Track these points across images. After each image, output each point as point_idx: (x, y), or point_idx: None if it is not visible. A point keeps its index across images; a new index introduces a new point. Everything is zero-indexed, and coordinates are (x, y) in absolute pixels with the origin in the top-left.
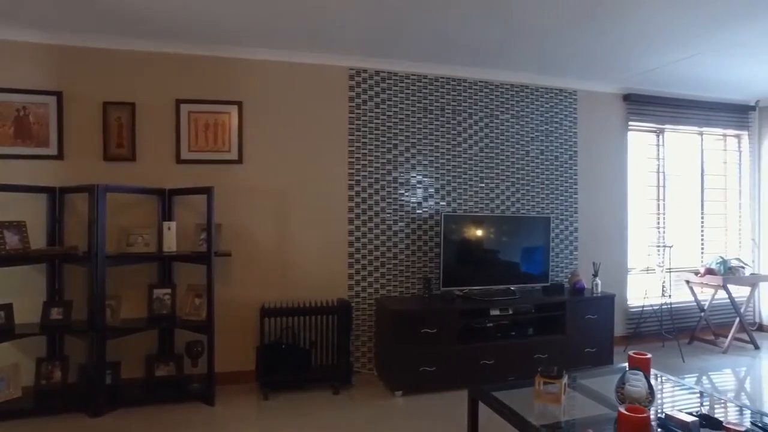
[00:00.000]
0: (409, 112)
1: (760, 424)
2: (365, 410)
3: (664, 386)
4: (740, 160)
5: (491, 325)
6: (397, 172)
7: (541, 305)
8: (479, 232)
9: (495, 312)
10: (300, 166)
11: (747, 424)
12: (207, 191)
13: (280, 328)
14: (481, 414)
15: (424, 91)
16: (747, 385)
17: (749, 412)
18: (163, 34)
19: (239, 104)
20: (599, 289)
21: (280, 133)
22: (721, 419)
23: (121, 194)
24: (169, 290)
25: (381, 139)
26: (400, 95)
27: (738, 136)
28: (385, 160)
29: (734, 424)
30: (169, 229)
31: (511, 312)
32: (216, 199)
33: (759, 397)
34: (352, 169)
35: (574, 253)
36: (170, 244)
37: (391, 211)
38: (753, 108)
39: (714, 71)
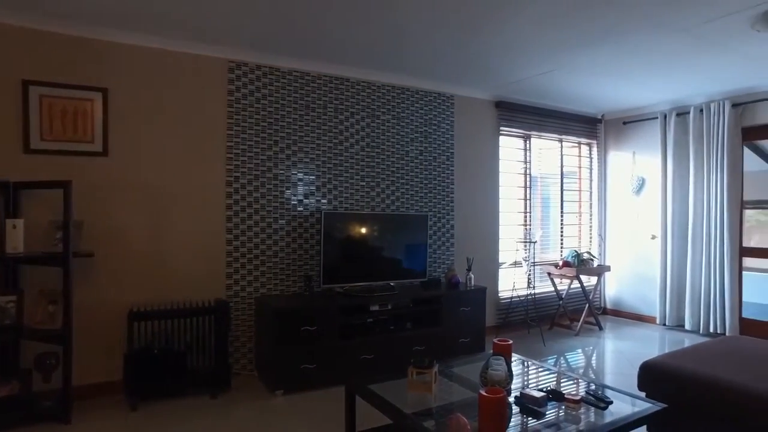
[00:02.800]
0: (290, 109)
1: (592, 393)
2: (244, 412)
3: (529, 369)
4: (591, 166)
5: (371, 320)
6: (278, 169)
7: (419, 300)
8: (360, 230)
9: (375, 307)
10: (174, 160)
11: (583, 393)
12: (64, 185)
13: (152, 332)
14: (361, 408)
15: (306, 88)
16: (593, 362)
17: (590, 384)
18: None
19: (104, 91)
20: (472, 283)
21: (153, 125)
22: (564, 392)
23: None
24: (13, 297)
25: (261, 135)
26: (282, 91)
27: (589, 145)
28: (265, 157)
29: (573, 395)
30: (14, 227)
31: (390, 307)
32: (76, 194)
33: (602, 370)
34: (231, 165)
35: (451, 249)
36: (15, 244)
37: (271, 208)
38: (600, 121)
39: (569, 86)
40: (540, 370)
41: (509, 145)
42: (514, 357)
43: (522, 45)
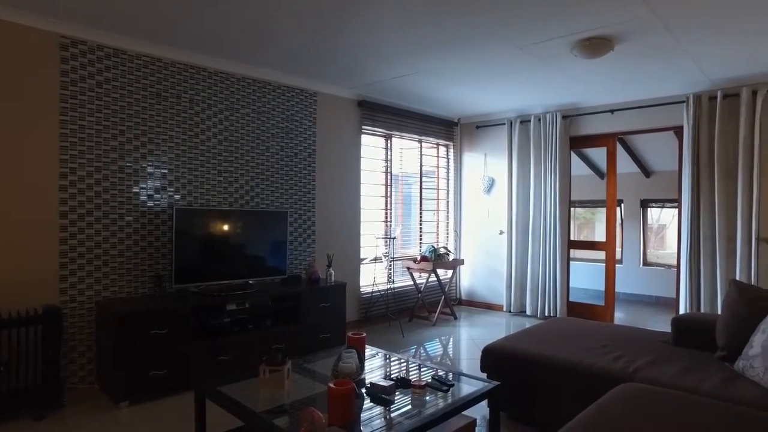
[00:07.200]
0: (139, 96)
1: (437, 378)
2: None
3: (389, 360)
4: (448, 166)
5: (228, 320)
6: (125, 161)
7: (278, 297)
8: (216, 227)
9: (232, 306)
10: None
11: (428, 379)
12: None
13: None
14: (217, 412)
15: (158, 75)
16: (449, 349)
17: (436, 370)
18: None
19: None
20: (333, 279)
21: None
22: (411, 379)
23: None
24: None
25: (104, 123)
26: (128, 76)
27: (447, 146)
28: (109, 148)
29: (419, 381)
30: None
31: (248, 306)
32: None
33: (457, 356)
34: (66, 155)
35: (312, 245)
36: None
37: (116, 203)
38: (456, 124)
39: (429, 90)
40: (393, 360)
41: (371, 144)
42: (372, 349)
43: (381, 46)
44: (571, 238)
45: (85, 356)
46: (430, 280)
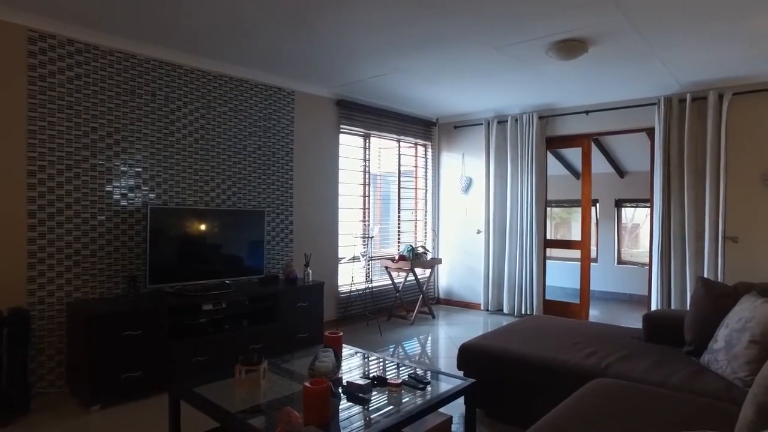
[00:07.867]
0: (112, 93)
1: (414, 376)
2: None
3: (367, 359)
4: (426, 166)
5: (204, 320)
6: (96, 159)
7: (255, 297)
8: (192, 226)
9: (208, 307)
10: None
11: (405, 377)
12: None
13: None
14: (193, 413)
15: (132, 71)
16: (427, 348)
17: (413, 369)
18: None
19: None
20: (310, 278)
21: None
22: (387, 378)
23: None
24: None
25: (75, 120)
26: (101, 73)
27: (425, 146)
28: (80, 145)
29: (395, 379)
30: None
31: (224, 306)
32: None
33: (435, 354)
34: (35, 152)
35: (290, 245)
36: None
37: (88, 202)
38: (434, 124)
39: (407, 90)
40: (371, 359)
41: (350, 144)
42: (349, 348)
43: (359, 46)
44: (548, 237)
45: (54, 359)
46: (408, 279)
